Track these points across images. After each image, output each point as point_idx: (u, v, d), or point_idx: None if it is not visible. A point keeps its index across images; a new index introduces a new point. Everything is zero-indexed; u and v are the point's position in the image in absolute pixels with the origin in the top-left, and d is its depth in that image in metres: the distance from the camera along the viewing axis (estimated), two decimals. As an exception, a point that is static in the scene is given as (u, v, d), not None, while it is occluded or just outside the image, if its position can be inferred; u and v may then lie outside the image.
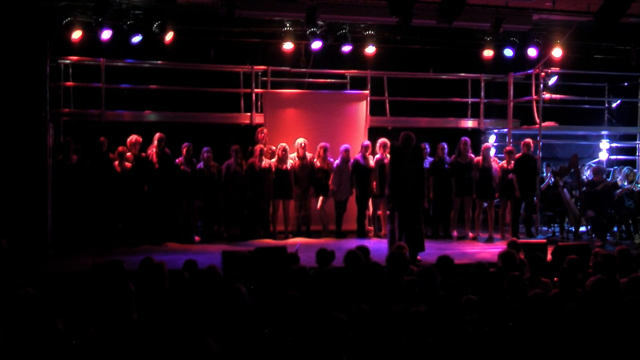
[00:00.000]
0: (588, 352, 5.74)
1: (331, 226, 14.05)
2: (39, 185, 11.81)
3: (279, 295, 6.55)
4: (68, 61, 14.12)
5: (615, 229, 14.25)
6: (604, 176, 14.31)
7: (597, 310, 6.43)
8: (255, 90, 14.98)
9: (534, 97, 15.41)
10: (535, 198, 14.28)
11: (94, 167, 12.79)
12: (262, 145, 13.64)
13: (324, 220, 14.07)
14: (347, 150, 13.85)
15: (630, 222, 14.26)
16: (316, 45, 14.17)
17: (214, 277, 7.18)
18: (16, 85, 11.72)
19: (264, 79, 15.21)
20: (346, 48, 14.61)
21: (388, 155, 12.98)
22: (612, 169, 15.24)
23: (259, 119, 14.76)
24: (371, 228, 14.25)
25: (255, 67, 15.04)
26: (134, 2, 13.22)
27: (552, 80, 15.85)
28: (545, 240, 11.32)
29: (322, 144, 13.86)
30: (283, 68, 15.37)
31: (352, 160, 13.85)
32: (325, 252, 8.36)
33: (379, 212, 14.10)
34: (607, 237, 13.84)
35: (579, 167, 14.65)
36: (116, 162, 12.82)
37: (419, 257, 10.92)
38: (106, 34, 12.93)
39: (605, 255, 8.36)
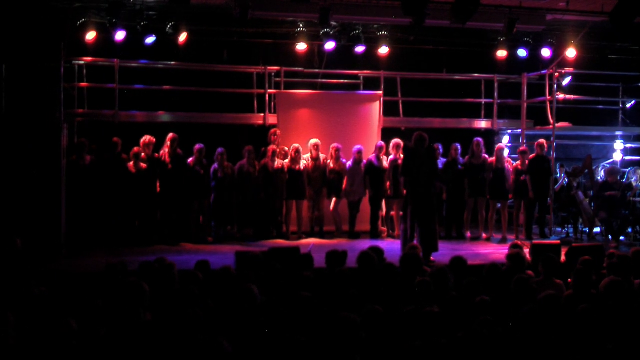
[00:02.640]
0: (602, 354, 5.71)
1: (344, 227, 14.05)
2: (53, 186, 11.88)
3: (292, 296, 6.55)
4: (82, 62, 14.14)
5: (629, 230, 14.18)
6: (619, 177, 14.25)
7: (611, 311, 6.40)
8: (269, 90, 14.97)
9: (548, 97, 15.34)
10: (549, 199, 14.23)
11: (107, 167, 12.82)
12: (274, 146, 13.65)
13: (337, 221, 14.07)
14: (359, 152, 13.84)
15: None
16: (329, 45, 14.17)
17: (227, 278, 7.20)
18: (31, 86, 11.81)
19: (277, 79, 15.21)
20: (359, 49, 14.58)
21: (402, 156, 12.96)
22: (627, 170, 15.17)
23: (272, 119, 14.77)
24: (384, 229, 14.24)
25: (269, 67, 15.04)
26: (147, 3, 13.24)
27: (566, 81, 15.76)
28: (559, 241, 11.29)
29: (335, 145, 13.84)
30: (296, 69, 15.37)
31: (364, 161, 13.85)
32: (335, 253, 8.35)
33: (392, 212, 14.09)
34: (622, 238, 13.78)
35: (593, 168, 14.59)
36: (131, 163, 12.86)
37: (432, 257, 10.91)
38: (120, 35, 12.94)
39: (619, 257, 8.34)
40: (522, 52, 15.00)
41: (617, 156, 16.82)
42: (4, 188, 11.50)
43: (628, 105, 17.25)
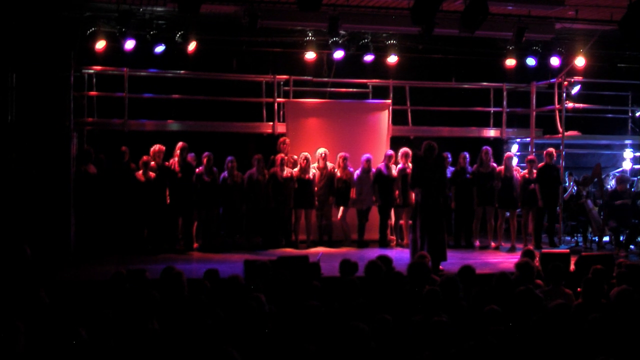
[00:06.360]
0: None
1: (353, 236, 14.03)
2: (62, 194, 11.91)
3: (301, 305, 6.54)
4: (92, 71, 14.20)
5: (639, 239, 14.11)
6: (628, 186, 14.20)
7: (622, 320, 6.38)
8: (278, 99, 14.99)
9: (557, 106, 15.32)
10: (558, 208, 14.19)
11: (115, 176, 12.83)
12: (283, 155, 13.64)
13: (346, 230, 14.05)
14: (368, 160, 13.82)
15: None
16: (338, 54, 14.19)
17: (236, 287, 7.20)
18: (41, 95, 11.88)
19: (286, 88, 15.23)
20: (368, 57, 14.62)
21: (410, 165, 12.95)
22: (636, 179, 15.11)
23: (281, 128, 14.78)
24: (393, 237, 14.21)
25: (278, 76, 15.06)
26: (157, 12, 13.30)
27: (575, 89, 15.74)
28: (568, 250, 11.26)
29: (342, 153, 13.82)
30: (305, 77, 15.38)
31: (373, 169, 13.84)
32: (348, 263, 8.36)
33: (401, 221, 14.08)
34: (631, 247, 13.72)
35: (602, 176, 14.54)
36: (139, 172, 12.85)
37: (441, 266, 10.88)
38: (129, 44, 13.00)
39: (629, 266, 8.31)
40: (531, 61, 14.99)
41: (627, 165, 16.76)
42: (13, 196, 11.53)
43: (637, 114, 17.21)
